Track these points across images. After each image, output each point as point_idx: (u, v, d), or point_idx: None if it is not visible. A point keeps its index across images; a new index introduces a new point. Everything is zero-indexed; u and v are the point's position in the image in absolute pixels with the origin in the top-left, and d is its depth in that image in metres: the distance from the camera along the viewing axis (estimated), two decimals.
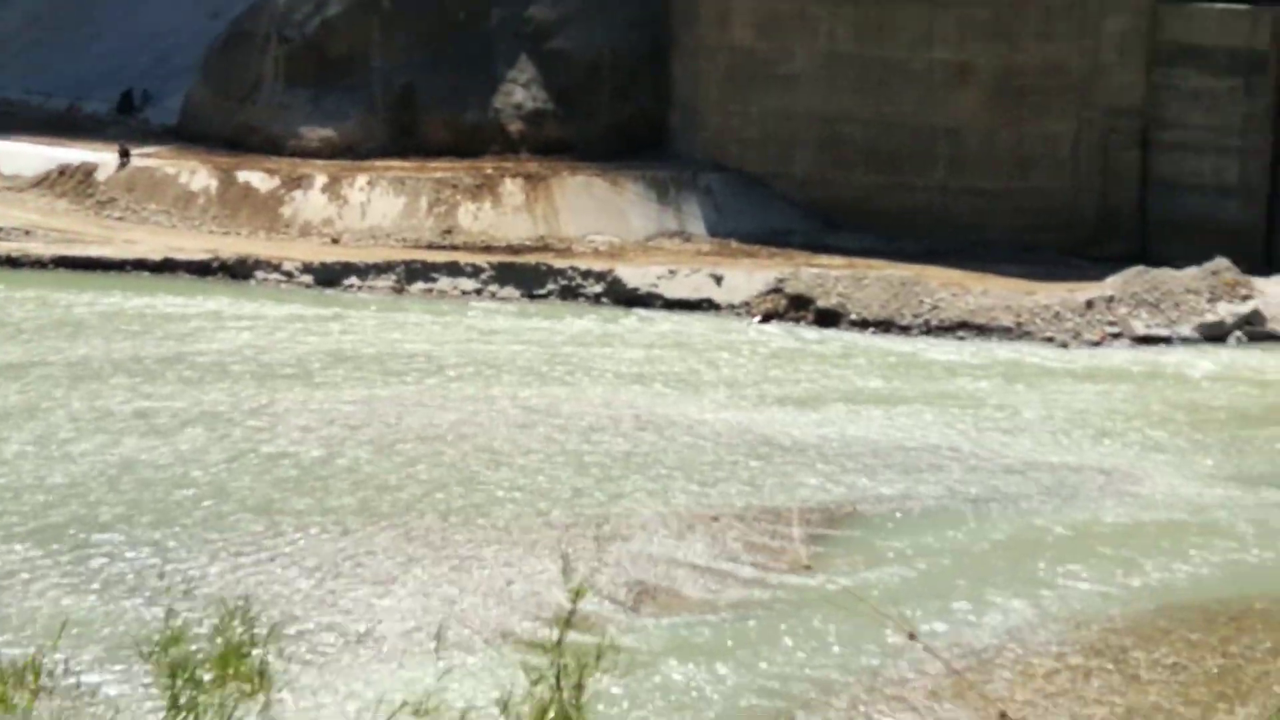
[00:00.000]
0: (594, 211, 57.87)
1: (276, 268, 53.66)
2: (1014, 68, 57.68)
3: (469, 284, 52.47)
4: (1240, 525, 34.68)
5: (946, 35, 58.07)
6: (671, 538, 33.19)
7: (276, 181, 59.11)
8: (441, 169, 59.10)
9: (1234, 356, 47.69)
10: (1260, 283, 51.42)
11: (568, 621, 7.49)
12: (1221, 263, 51.79)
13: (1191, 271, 51.42)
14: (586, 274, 52.49)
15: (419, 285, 52.57)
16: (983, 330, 48.68)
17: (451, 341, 47.69)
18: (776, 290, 50.70)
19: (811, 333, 49.01)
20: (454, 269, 53.07)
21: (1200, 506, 35.86)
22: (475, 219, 56.85)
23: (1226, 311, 49.35)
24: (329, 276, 53.10)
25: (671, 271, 52.82)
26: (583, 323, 49.87)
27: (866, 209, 58.50)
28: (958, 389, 44.27)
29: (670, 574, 31.37)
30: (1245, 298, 50.19)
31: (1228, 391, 44.69)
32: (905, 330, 48.96)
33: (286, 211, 57.94)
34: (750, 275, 52.73)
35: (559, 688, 7.09)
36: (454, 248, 55.19)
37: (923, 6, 58.28)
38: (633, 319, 50.33)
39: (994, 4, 57.60)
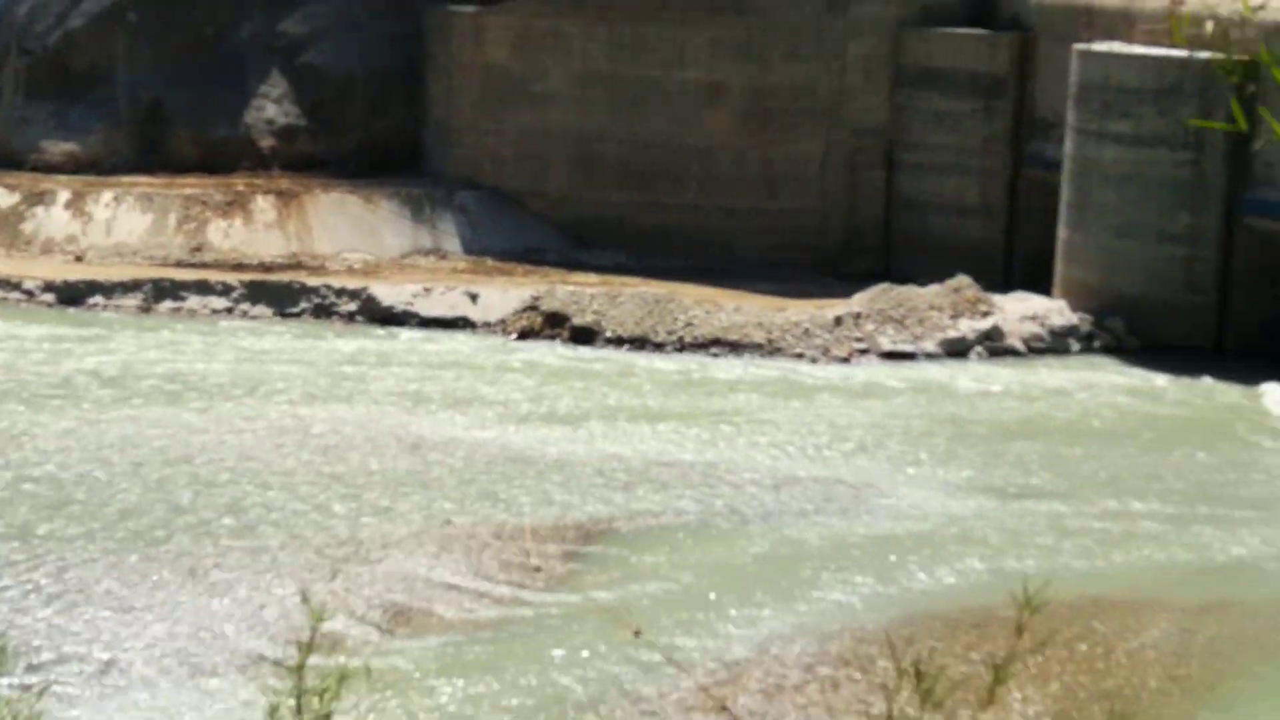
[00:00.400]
0: (348, 229, 57.41)
1: (16, 286, 52.16)
2: (764, 88, 58.67)
3: (219, 302, 51.51)
4: (990, 534, 35.38)
5: (698, 55, 58.81)
6: (427, 557, 32.93)
7: (17, 197, 57.48)
8: (190, 185, 57.96)
9: (976, 371, 48.55)
10: (1000, 299, 52.65)
11: (309, 645, 7.26)
12: (963, 280, 52.95)
13: (935, 289, 52.46)
14: (340, 292, 51.94)
15: (167, 304, 51.43)
16: (735, 347, 48.91)
17: (214, 361, 46.76)
18: (532, 308, 50.67)
19: (567, 350, 49.01)
20: (203, 287, 52.03)
21: (952, 517, 36.44)
22: (226, 236, 55.91)
23: (968, 328, 50.33)
24: (72, 295, 51.67)
25: (427, 289, 52.50)
26: (337, 343, 49.16)
27: (621, 227, 59.01)
28: (712, 405, 44.51)
29: (425, 594, 31.11)
30: (985, 314, 51.26)
31: (974, 405, 45.51)
32: (660, 347, 49.10)
33: (27, 228, 56.32)
34: (505, 293, 52.66)
35: (299, 712, 7.03)
36: (204, 265, 54.07)
37: (675, 26, 58.86)
38: (392, 338, 49.95)
39: (744, 25, 58.50)
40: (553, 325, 50.05)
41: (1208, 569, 34.60)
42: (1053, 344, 50.41)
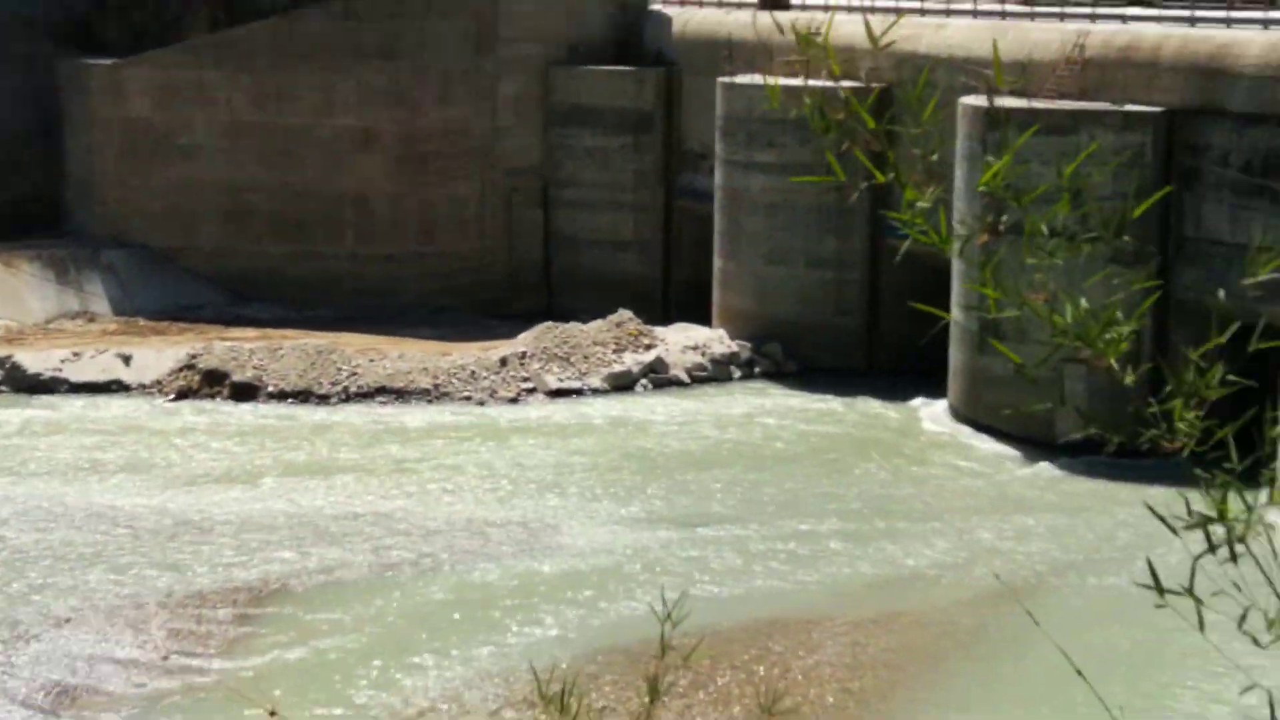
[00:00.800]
0: None
1: None
2: (416, 133, 58.74)
3: None
4: (659, 566, 35.75)
5: (347, 101, 58.60)
6: (92, 633, 31.79)
7: None
8: None
9: (645, 403, 49.09)
10: (661, 331, 53.52)
11: None
12: (624, 314, 53.62)
13: (597, 324, 53.05)
14: None
15: None
16: (402, 394, 48.73)
17: None
18: (189, 367, 49.38)
19: (229, 407, 48.01)
20: None
21: (635, 550, 36.80)
22: None
23: (632, 361, 50.90)
24: None
25: (76, 354, 50.62)
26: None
27: (278, 279, 58.31)
28: (383, 454, 44.15)
29: (92, 671, 30.06)
30: (648, 347, 51.93)
31: (649, 438, 45.94)
32: (325, 399, 48.56)
33: None
34: (160, 353, 51.22)
35: None
36: None
37: (322, 73, 58.50)
38: (51, 407, 47.66)
39: (392, 70, 58.46)
40: (212, 383, 48.84)
41: (879, 583, 35.50)
42: (715, 372, 51.28)
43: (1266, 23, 44.96)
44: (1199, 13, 47.61)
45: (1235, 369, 5.31)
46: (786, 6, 58.71)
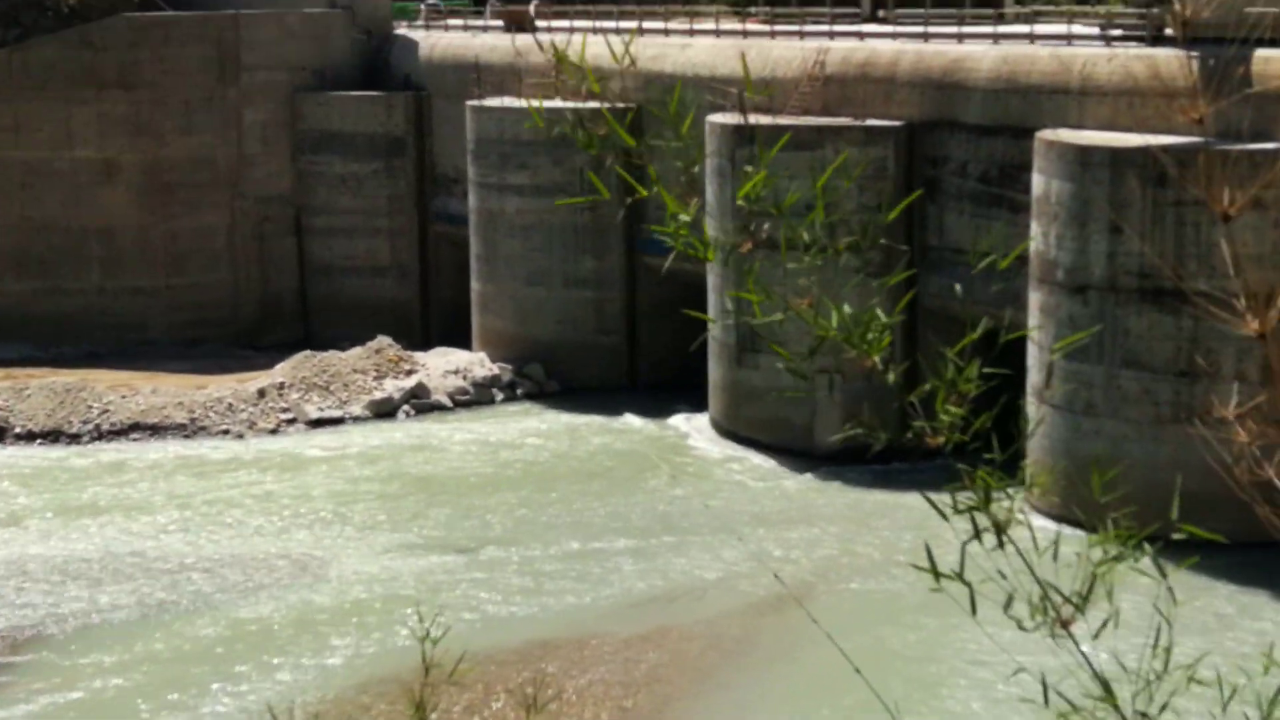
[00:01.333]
0: None
1: None
2: (160, 163, 58.01)
3: None
4: (429, 593, 35.61)
5: (88, 133, 57.62)
6: None
7: None
8: None
9: (409, 429, 49.13)
10: (421, 357, 53.59)
11: None
12: (384, 341, 53.58)
13: (356, 352, 52.94)
14: None
15: None
16: (157, 430, 47.95)
17: None
18: None
19: None
20: None
21: (390, 579, 36.72)
22: None
23: (393, 387, 50.91)
24: None
25: None
26: None
27: (21, 317, 57.06)
28: (141, 492, 43.28)
29: None
30: (410, 372, 51.99)
31: (406, 466, 45.87)
32: (76, 438, 47.42)
33: None
34: None
35: None
36: None
37: (60, 105, 57.53)
38: None
39: (133, 100, 57.70)
40: None
41: (649, 599, 35.84)
42: (477, 395, 51.56)
43: (996, 37, 46.45)
44: (931, 29, 49.10)
45: (983, 367, 5.48)
46: (533, 30, 59.14)
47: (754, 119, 46.48)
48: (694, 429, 48.46)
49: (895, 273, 45.17)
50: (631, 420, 49.47)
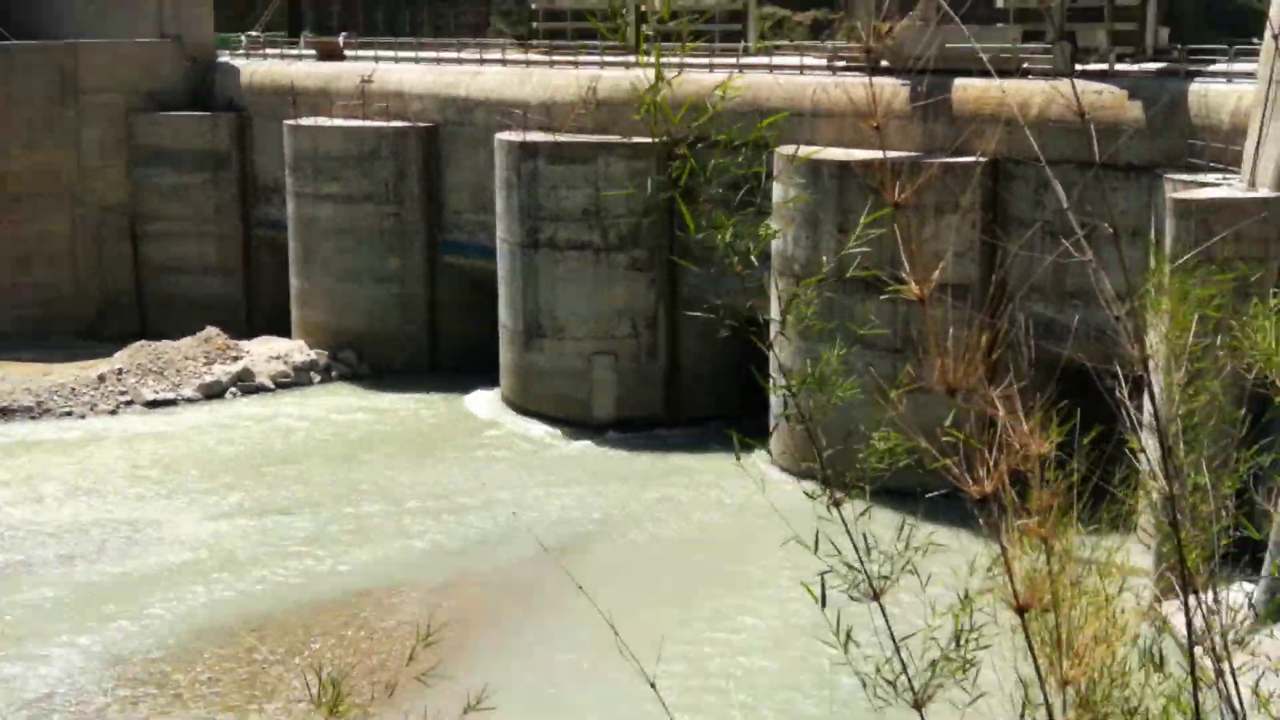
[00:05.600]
0: None
1: None
2: (6, 176, 57.24)
3: None
4: (254, 551, 36.03)
5: None
6: None
7: None
8: None
9: (235, 409, 49.21)
10: (246, 344, 53.73)
11: None
12: (212, 331, 53.62)
13: (188, 341, 52.99)
14: None
15: None
16: (6, 412, 47.70)
17: None
18: None
19: None
20: None
21: (218, 540, 36.82)
22: None
23: (221, 371, 51.02)
24: None
25: None
26: None
27: None
28: (9, 468, 42.90)
29: None
30: (236, 359, 52.09)
31: (233, 440, 45.84)
32: None
33: None
34: None
35: None
36: None
37: None
38: None
39: None
40: None
41: (448, 552, 36.47)
42: (297, 378, 51.84)
43: (741, 67, 47.70)
44: (686, 60, 51.00)
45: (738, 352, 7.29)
46: (342, 57, 61.06)
47: (537, 137, 47.58)
48: (487, 404, 48.89)
49: (656, 270, 47.90)
50: (432, 398, 49.90)
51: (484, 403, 49.55)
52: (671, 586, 33.71)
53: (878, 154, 40.20)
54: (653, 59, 6.39)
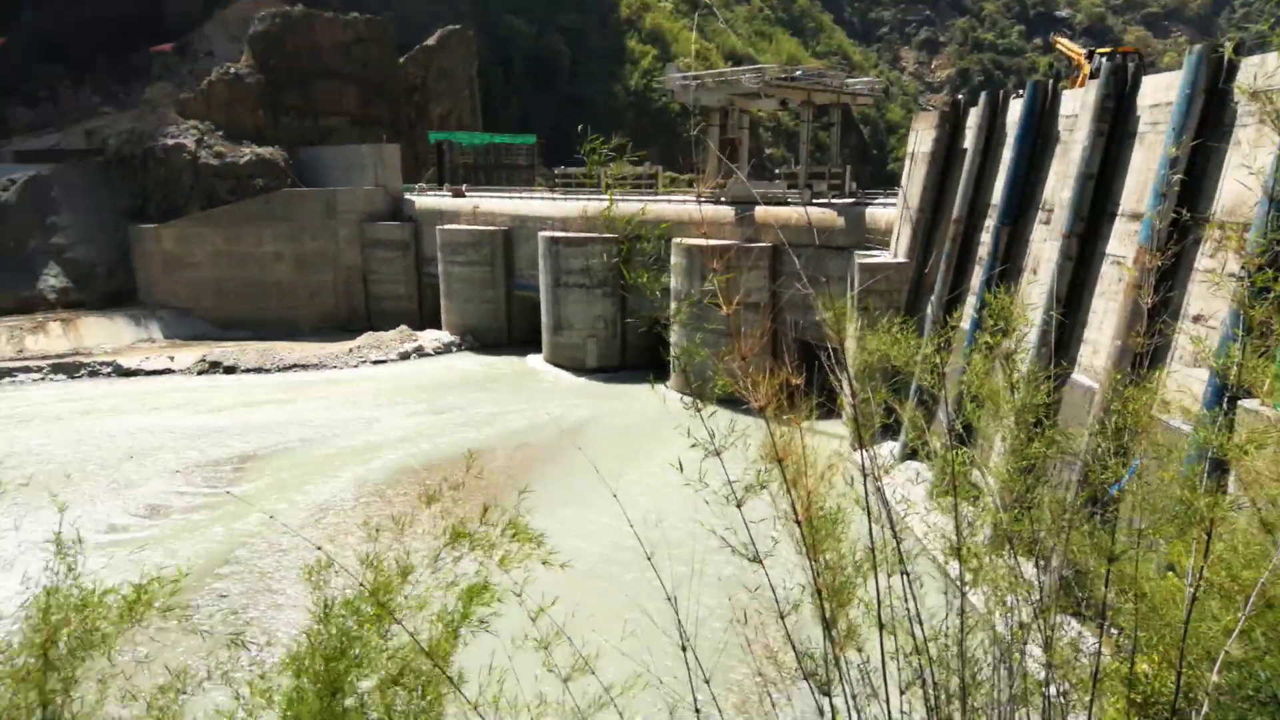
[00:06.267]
0: (101, 333, 52.42)
1: None
2: (303, 253, 57.15)
3: (34, 376, 45.64)
4: (425, 431, 35.44)
5: (269, 239, 56.64)
6: None
7: None
8: (11, 320, 51.10)
9: (419, 364, 48.51)
10: (420, 333, 53.37)
11: None
12: (404, 327, 53.82)
13: (392, 332, 53.10)
14: (102, 363, 47.15)
15: (5, 381, 44.93)
16: (308, 366, 47.29)
17: (48, 404, 39.96)
18: (203, 359, 47.43)
19: (224, 378, 45.58)
20: (25, 369, 46.57)
21: (408, 426, 36.15)
22: (36, 343, 49.92)
23: (409, 346, 50.55)
24: None
25: (147, 357, 48.69)
26: (108, 387, 43.40)
27: (242, 321, 55.76)
28: (306, 394, 42.17)
29: None
30: (415, 340, 51.92)
31: (415, 378, 45.01)
32: (269, 371, 46.63)
33: None
34: (190, 355, 49.01)
35: None
36: (25, 358, 48.27)
37: (258, 227, 55.86)
38: (134, 383, 44.76)
39: (290, 224, 56.35)
40: (214, 367, 46.98)
41: (515, 430, 35.86)
42: (445, 349, 51.36)
43: (654, 200, 48.46)
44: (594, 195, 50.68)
45: (654, 335, 6.41)
46: (464, 195, 58.93)
47: (558, 233, 46.33)
48: (535, 362, 48.38)
49: (614, 294, 48.00)
50: (510, 359, 49.50)
51: (536, 361, 48.77)
52: (623, 448, 32.90)
53: (709, 242, 40.25)
54: (609, 197, 5.73)
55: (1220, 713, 5.12)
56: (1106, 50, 29.20)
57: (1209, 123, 17.99)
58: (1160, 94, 20.25)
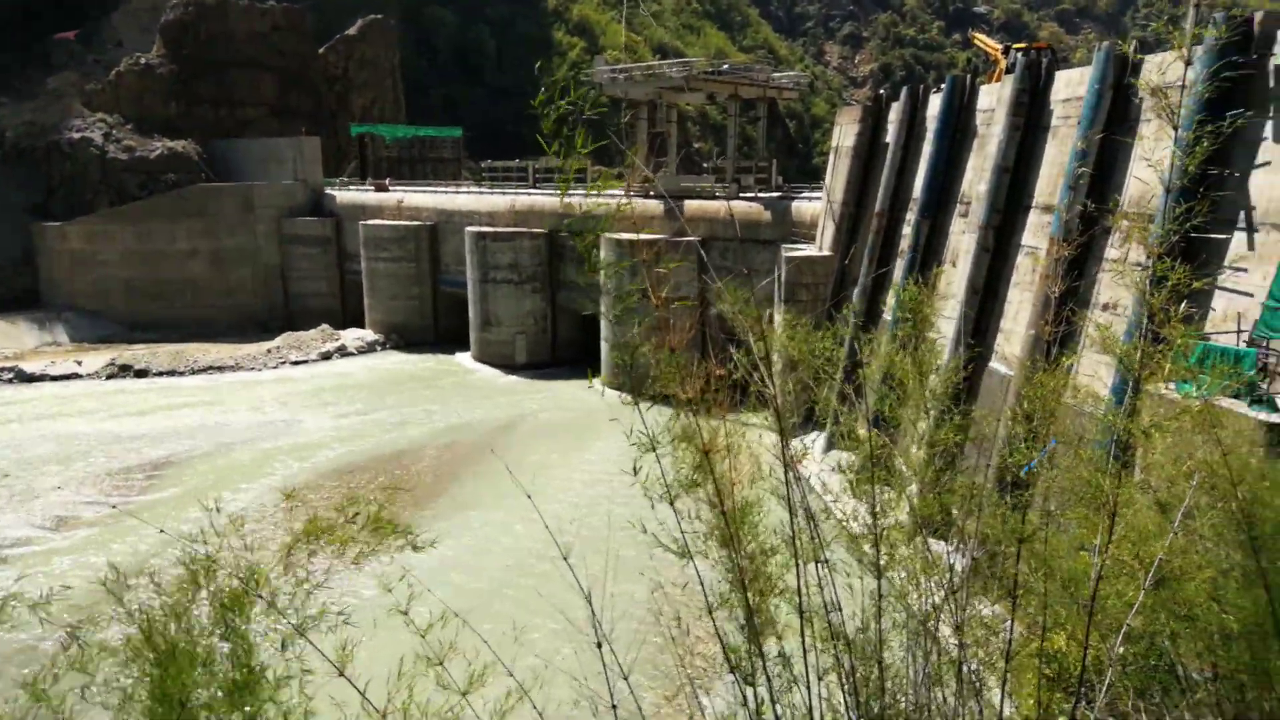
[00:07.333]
0: (1, 338, 49.98)
1: None
2: (220, 249, 55.47)
3: None
4: (347, 433, 34.80)
5: (193, 236, 54.85)
6: None
7: None
8: None
9: (337, 364, 47.57)
10: (342, 333, 52.41)
11: None
12: (325, 327, 52.62)
13: (313, 331, 51.91)
14: (3, 369, 44.51)
15: None
16: (224, 369, 46.11)
17: None
18: (112, 363, 45.45)
19: (134, 382, 44.06)
20: None
21: (330, 428, 35.60)
22: None
23: (330, 346, 49.68)
24: None
25: (53, 361, 46.79)
26: (12, 393, 41.47)
27: (150, 322, 54.10)
28: (223, 397, 40.92)
29: None
30: (337, 339, 50.99)
31: (340, 378, 44.21)
32: (182, 374, 45.38)
33: None
34: (98, 358, 47.17)
35: None
36: None
37: (169, 223, 54.03)
38: (37, 389, 42.95)
39: (206, 220, 54.70)
40: (124, 371, 45.12)
41: (442, 430, 35.39)
42: (368, 348, 50.42)
43: (586, 195, 49.58)
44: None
45: (584, 330, 5.87)
46: (387, 190, 58.10)
47: (485, 228, 46.19)
48: (464, 360, 47.82)
49: (545, 291, 48.10)
50: (438, 357, 48.76)
51: (464, 359, 48.20)
52: (553, 445, 32.74)
53: (641, 236, 39.58)
54: (546, 190, 5.18)
55: (1125, 683, 5.29)
56: (1022, 46, 30.06)
57: (1116, 118, 18.66)
58: (1072, 89, 20.94)
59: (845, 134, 34.46)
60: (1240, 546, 5.36)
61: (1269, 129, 14.89)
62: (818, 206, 36.97)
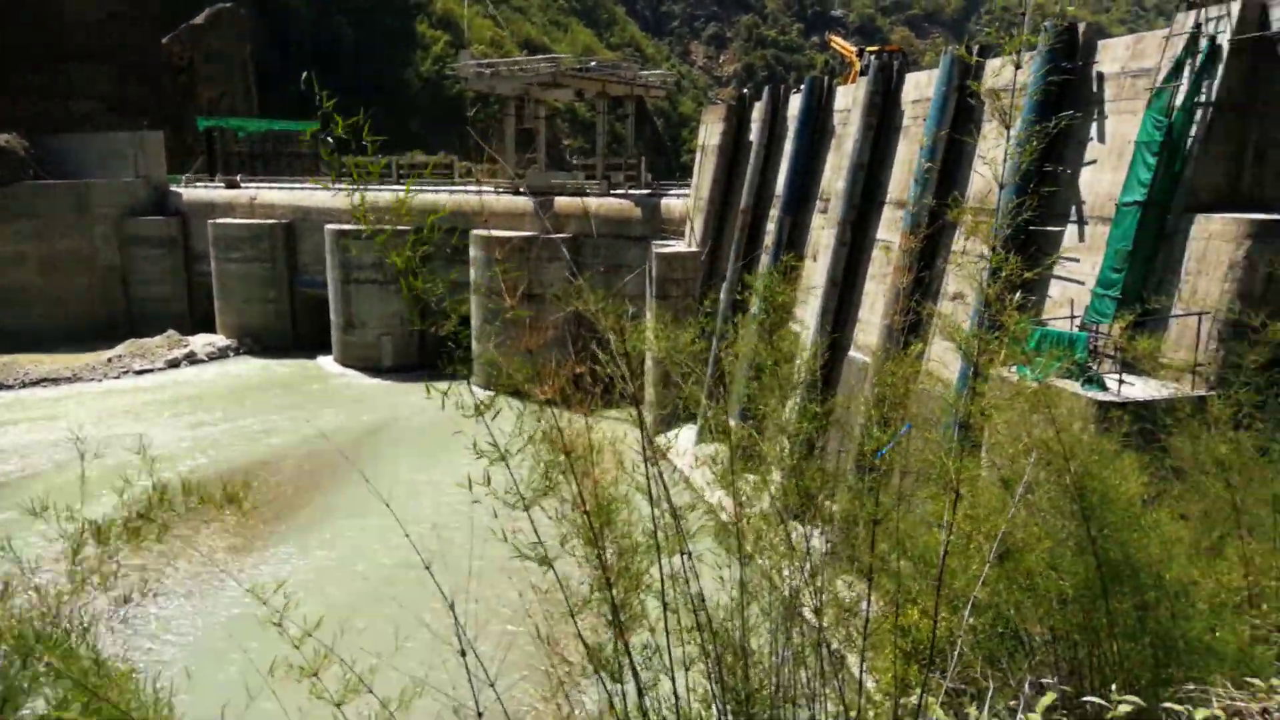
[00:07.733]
0: None
1: None
2: (53, 253, 51.99)
3: None
4: (202, 443, 33.75)
5: (20, 238, 51.31)
6: None
7: None
8: None
9: (186, 372, 45.93)
10: (191, 338, 50.24)
11: None
12: (172, 333, 50.14)
13: (159, 338, 49.45)
14: None
15: None
16: (59, 380, 43.41)
17: None
18: None
19: None
20: None
21: (182, 439, 34.36)
22: None
23: (178, 353, 47.65)
24: None
25: None
26: None
27: None
28: (59, 411, 38.65)
29: None
30: (185, 346, 48.80)
31: (189, 387, 42.82)
32: (11, 387, 42.47)
33: None
34: None
35: None
36: None
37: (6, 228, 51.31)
38: None
39: (36, 223, 51.15)
40: None
41: (305, 439, 34.45)
42: (220, 354, 48.73)
43: (451, 190, 47.20)
44: (428, 187, 48.85)
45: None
46: (239, 187, 55.67)
47: (346, 226, 44.79)
48: (326, 363, 46.96)
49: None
50: (297, 361, 47.61)
51: (326, 363, 47.33)
52: (421, 450, 32.45)
53: (508, 234, 40.02)
54: (404, 187, 5.39)
55: (975, 651, 5.59)
56: (875, 49, 31.39)
57: (961, 118, 19.74)
58: (920, 91, 22.03)
59: (711, 133, 35.24)
60: (1073, 516, 5.64)
61: (1094, 129, 16.04)
62: (686, 203, 37.68)
